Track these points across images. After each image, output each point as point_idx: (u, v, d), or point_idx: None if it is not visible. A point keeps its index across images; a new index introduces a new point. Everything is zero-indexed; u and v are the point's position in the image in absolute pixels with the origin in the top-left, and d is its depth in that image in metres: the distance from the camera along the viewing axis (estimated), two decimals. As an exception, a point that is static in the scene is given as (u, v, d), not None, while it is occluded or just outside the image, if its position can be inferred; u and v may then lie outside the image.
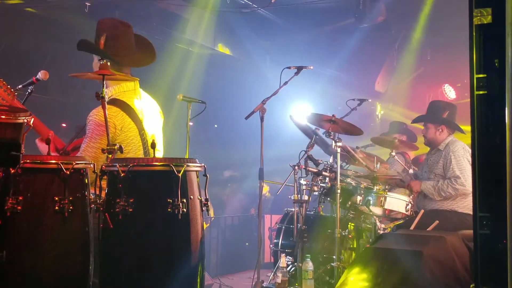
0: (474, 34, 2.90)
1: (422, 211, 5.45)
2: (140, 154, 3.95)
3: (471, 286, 2.78)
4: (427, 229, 5.16)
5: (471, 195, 3.16)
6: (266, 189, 9.71)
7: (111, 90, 3.95)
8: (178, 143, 5.37)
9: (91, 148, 3.76)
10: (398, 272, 3.59)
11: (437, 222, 5.19)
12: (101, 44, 4.00)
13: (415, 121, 6.29)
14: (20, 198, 3.01)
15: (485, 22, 2.89)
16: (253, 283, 5.54)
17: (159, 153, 4.07)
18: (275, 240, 5.75)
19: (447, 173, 5.54)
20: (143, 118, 4.00)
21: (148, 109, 4.11)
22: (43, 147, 3.97)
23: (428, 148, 6.03)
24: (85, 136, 3.84)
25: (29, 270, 3.02)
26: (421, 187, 5.64)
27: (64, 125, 7.09)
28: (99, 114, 3.80)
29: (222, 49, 9.24)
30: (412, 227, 5.28)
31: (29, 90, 4.01)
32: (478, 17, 2.90)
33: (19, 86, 3.99)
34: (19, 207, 3.00)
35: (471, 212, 5.31)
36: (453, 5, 7.87)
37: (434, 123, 5.75)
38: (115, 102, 3.89)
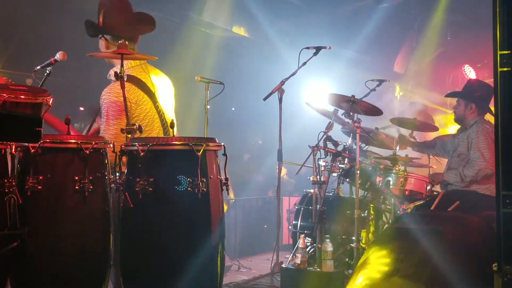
0: (498, 10, 2.84)
1: (443, 191, 5.40)
2: (157, 126, 3.93)
3: (494, 265, 2.74)
4: (448, 210, 5.12)
5: (493, 176, 3.10)
6: (284, 171, 9.67)
7: (119, 68, 3.93)
8: (196, 125, 5.36)
9: (112, 125, 3.75)
10: (419, 252, 3.56)
11: (458, 202, 5.14)
12: (100, 21, 4.03)
13: (448, 95, 6.48)
14: (41, 177, 3.03)
15: (509, -3, 2.82)
16: (272, 264, 5.55)
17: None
18: (294, 222, 5.73)
19: (470, 154, 5.50)
20: (156, 91, 3.99)
21: (161, 84, 4.09)
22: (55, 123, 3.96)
23: (446, 130, 6.05)
24: (102, 117, 3.82)
25: (50, 249, 3.04)
26: (444, 177, 5.64)
27: (81, 108, 7.10)
28: (112, 92, 3.79)
29: (240, 30, 9.18)
30: (432, 208, 5.23)
31: (47, 71, 4.00)
32: (502, -8, 2.84)
33: (38, 67, 3.98)
34: (39, 187, 3.02)
35: (492, 194, 5.26)
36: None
37: (465, 100, 5.75)
38: (127, 77, 3.87)
